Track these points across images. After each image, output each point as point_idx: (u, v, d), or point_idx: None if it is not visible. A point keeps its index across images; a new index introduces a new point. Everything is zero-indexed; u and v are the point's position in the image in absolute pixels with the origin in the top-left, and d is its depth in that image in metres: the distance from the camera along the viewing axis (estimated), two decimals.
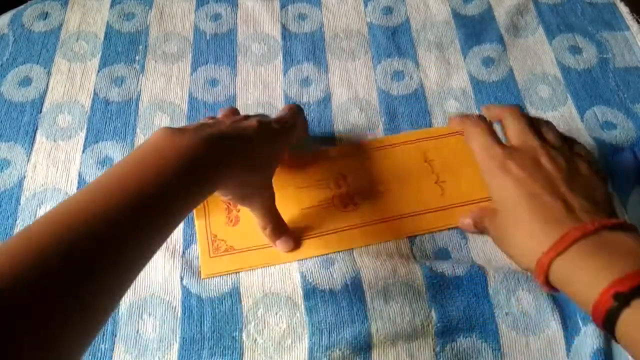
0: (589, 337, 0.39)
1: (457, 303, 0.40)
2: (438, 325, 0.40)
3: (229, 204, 0.45)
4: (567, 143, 0.40)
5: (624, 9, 0.58)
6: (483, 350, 0.39)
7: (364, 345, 0.39)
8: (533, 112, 0.51)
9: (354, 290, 0.41)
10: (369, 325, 0.40)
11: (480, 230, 0.40)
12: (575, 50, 0.55)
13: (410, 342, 0.39)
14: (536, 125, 0.40)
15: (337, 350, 0.39)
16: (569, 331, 0.40)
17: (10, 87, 0.53)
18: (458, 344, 0.39)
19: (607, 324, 0.30)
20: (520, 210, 0.35)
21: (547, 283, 0.33)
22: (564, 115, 0.51)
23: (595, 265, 0.31)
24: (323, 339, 0.39)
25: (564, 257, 0.32)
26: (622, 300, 0.29)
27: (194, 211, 0.44)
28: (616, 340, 0.30)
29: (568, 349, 0.39)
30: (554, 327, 0.40)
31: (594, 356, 0.38)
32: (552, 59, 0.54)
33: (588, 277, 0.31)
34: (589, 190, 0.36)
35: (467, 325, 0.40)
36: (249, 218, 0.42)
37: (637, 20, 0.57)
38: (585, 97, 0.52)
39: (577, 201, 0.35)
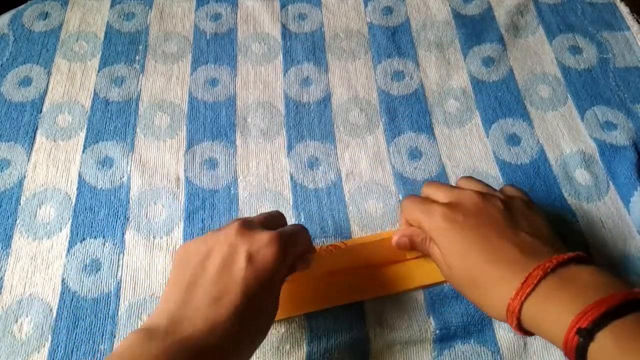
0: None
1: (456, 310, 0.41)
2: (437, 332, 0.40)
3: None
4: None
5: (624, 9, 0.58)
6: (483, 353, 0.39)
7: (362, 351, 0.39)
8: (533, 112, 0.51)
9: None
10: (367, 331, 0.40)
11: (420, 249, 0.39)
12: (576, 50, 0.55)
13: (408, 347, 0.40)
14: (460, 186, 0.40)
15: (336, 354, 0.39)
16: None
17: (10, 87, 0.53)
18: (456, 349, 0.39)
19: None
20: (474, 258, 0.34)
21: (520, 328, 0.33)
22: (564, 115, 0.50)
23: (559, 303, 0.31)
24: (321, 344, 0.39)
25: (531, 299, 0.31)
26: (585, 335, 0.28)
27: None
28: None
29: None
30: None
31: None
32: (552, 58, 0.54)
33: (554, 316, 0.30)
34: (533, 227, 0.36)
35: (465, 332, 0.40)
36: None
37: (637, 20, 0.57)
38: (586, 97, 0.52)
39: (527, 240, 0.34)
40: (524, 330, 0.33)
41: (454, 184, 0.44)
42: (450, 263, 0.35)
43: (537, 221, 0.37)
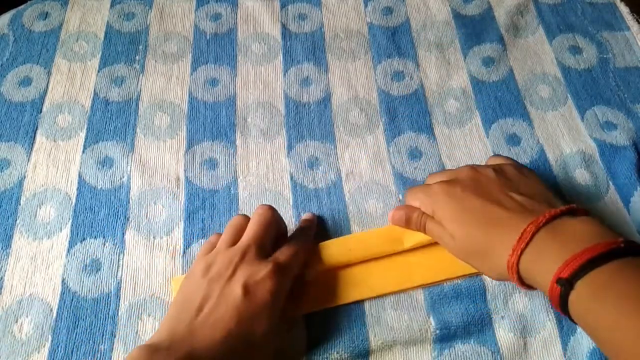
0: (585, 336, 0.39)
1: (456, 310, 0.41)
2: (437, 332, 0.40)
3: None
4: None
5: (624, 9, 0.58)
6: (483, 353, 0.39)
7: (361, 350, 0.39)
8: (533, 112, 0.51)
9: None
10: (367, 331, 0.40)
11: (416, 226, 0.40)
12: (576, 50, 0.55)
13: (408, 347, 0.40)
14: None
15: (335, 354, 0.39)
16: (565, 331, 0.40)
17: (10, 87, 0.53)
18: (456, 349, 0.39)
19: (563, 310, 0.31)
20: (474, 226, 0.36)
21: (523, 283, 0.34)
22: (564, 115, 0.50)
23: (549, 255, 0.32)
24: (321, 344, 0.39)
25: (527, 253, 0.33)
26: (565, 285, 0.30)
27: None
28: (577, 324, 0.31)
29: (564, 349, 0.39)
30: (550, 327, 0.40)
31: (590, 355, 0.38)
32: (552, 59, 0.54)
33: (544, 267, 0.32)
34: (526, 187, 0.38)
35: (465, 332, 0.40)
36: None
37: (637, 20, 0.57)
38: (586, 97, 0.52)
39: (522, 201, 0.36)
40: (527, 286, 0.34)
41: None
42: (453, 233, 0.37)
43: (529, 181, 0.39)
